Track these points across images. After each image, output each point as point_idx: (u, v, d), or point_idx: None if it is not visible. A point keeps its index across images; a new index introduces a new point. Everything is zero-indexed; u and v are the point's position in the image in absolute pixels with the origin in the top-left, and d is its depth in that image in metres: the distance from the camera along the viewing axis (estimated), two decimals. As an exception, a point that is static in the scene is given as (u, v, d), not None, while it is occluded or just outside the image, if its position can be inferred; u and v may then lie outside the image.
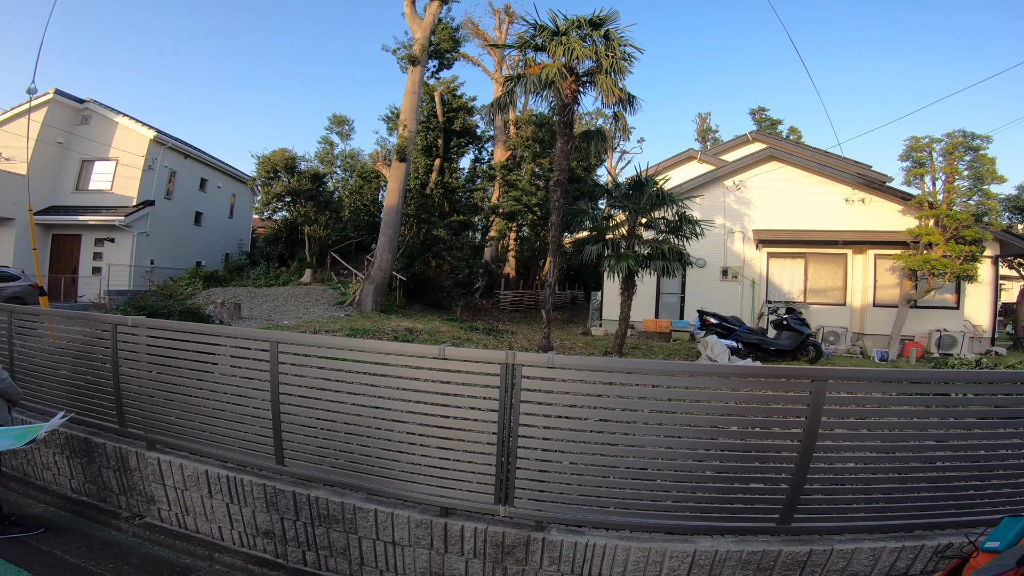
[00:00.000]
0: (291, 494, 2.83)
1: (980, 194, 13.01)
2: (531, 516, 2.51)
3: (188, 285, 16.41)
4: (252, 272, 21.60)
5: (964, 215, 12.48)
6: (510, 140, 25.36)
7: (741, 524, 2.43)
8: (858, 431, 2.47)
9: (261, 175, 22.24)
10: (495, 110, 12.66)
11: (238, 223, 27.20)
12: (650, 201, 10.85)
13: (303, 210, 22.03)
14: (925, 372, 2.70)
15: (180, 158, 21.93)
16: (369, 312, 15.75)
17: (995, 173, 12.83)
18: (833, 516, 2.45)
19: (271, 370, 2.84)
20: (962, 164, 12.97)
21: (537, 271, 26.77)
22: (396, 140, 17.91)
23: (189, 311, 9.98)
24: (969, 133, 13.01)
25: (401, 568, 2.66)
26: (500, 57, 27.02)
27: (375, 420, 2.71)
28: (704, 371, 2.74)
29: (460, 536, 2.54)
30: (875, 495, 2.44)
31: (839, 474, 2.47)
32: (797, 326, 11.35)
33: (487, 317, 19.78)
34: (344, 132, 33.40)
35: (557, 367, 2.43)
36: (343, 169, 29.37)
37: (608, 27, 10.60)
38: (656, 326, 15.52)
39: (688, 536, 2.43)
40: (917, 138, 13.69)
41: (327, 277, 21.13)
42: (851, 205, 15.06)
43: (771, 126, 37.51)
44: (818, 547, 2.37)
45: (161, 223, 20.40)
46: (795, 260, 15.35)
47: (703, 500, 2.44)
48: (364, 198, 25.85)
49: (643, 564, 2.36)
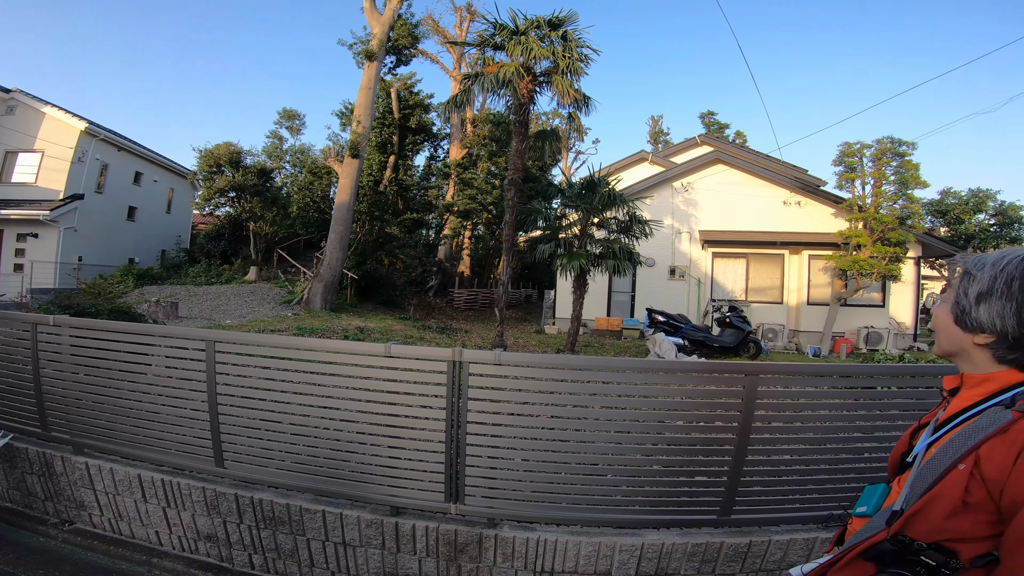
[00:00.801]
0: (233, 496, 2.75)
1: (905, 198, 13.96)
2: (483, 513, 2.51)
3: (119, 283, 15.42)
4: (191, 270, 20.55)
5: (890, 218, 13.38)
6: (467, 138, 25.27)
7: (686, 517, 2.50)
8: (791, 424, 2.57)
9: (203, 169, 21.22)
10: (451, 108, 12.59)
11: (176, 219, 25.84)
12: (602, 201, 11.05)
13: (248, 206, 21.16)
14: (852, 366, 2.87)
15: (113, 150, 20.64)
16: (318, 311, 15.30)
17: (919, 178, 13.80)
18: (770, 508, 2.53)
19: (207, 370, 2.74)
20: (889, 169, 13.86)
21: (492, 270, 26.80)
22: (349, 136, 17.50)
23: (119, 310, 9.40)
24: (897, 139, 13.91)
25: (353, 568, 2.62)
26: (459, 55, 26.84)
27: (323, 420, 2.66)
28: (644, 367, 2.81)
29: (412, 535, 2.51)
30: (809, 486, 2.53)
31: (774, 466, 2.55)
32: (739, 323, 11.87)
33: (441, 316, 19.62)
34: (295, 127, 32.52)
35: (504, 364, 2.43)
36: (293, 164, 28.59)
37: (567, 28, 10.73)
38: (608, 324, 15.86)
39: (636, 530, 2.48)
40: (850, 144, 14.54)
41: (274, 275, 20.39)
42: (789, 207, 15.86)
43: (719, 130, 39.05)
44: (757, 538, 2.44)
45: (91, 218, 19.13)
46: (737, 260, 16.04)
47: (651, 494, 2.50)
48: (314, 194, 25.12)
49: (594, 558, 2.40)
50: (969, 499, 0.97)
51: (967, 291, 1.04)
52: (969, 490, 0.97)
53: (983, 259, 1.06)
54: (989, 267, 1.02)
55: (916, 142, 13.88)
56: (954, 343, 1.09)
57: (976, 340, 1.04)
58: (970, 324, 1.04)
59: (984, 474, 0.96)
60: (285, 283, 18.92)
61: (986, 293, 1.01)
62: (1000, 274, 1.00)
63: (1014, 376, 1.02)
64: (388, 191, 22.48)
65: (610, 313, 16.69)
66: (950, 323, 1.09)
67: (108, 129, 20.37)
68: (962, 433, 1.03)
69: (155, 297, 14.24)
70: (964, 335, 1.06)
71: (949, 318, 1.09)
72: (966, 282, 1.05)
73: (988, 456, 0.96)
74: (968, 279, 1.05)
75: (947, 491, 0.99)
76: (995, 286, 1.00)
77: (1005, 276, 0.99)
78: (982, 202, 21.88)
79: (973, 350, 1.06)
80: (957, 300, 1.06)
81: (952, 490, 0.99)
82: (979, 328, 1.03)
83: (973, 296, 1.03)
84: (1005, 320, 0.99)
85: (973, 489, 0.97)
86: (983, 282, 1.02)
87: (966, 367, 1.09)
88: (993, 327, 1.00)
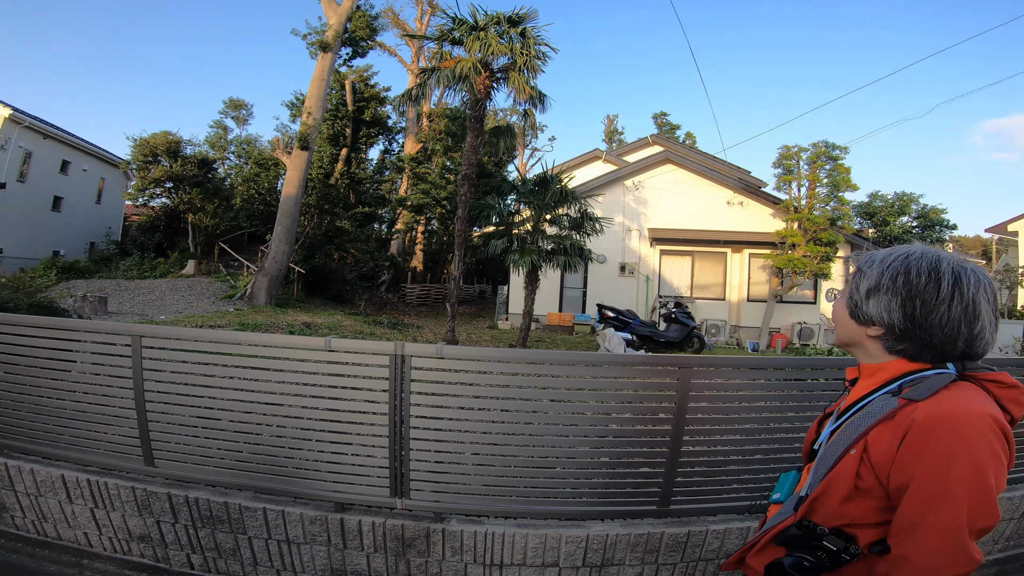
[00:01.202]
0: (166, 496, 2.65)
1: (836, 200, 14.84)
2: (429, 508, 2.50)
3: (41, 277, 14.34)
4: (123, 263, 19.32)
5: (822, 219, 14.21)
6: (422, 132, 25.03)
7: (629, 508, 2.55)
8: (726, 416, 2.66)
9: (137, 159, 20.09)
10: (406, 101, 12.46)
11: (107, 210, 24.29)
12: (555, 198, 11.19)
13: (187, 197, 20.16)
14: (781, 359, 3.00)
15: (39, 138, 19.23)
16: (263, 306, 14.76)
17: (849, 181, 14.70)
18: (707, 498, 2.60)
19: (134, 367, 2.62)
20: (823, 172, 14.71)
21: (445, 265, 26.61)
22: (299, 128, 16.94)
23: (40, 305, 8.78)
24: (831, 144, 14.77)
25: (299, 566, 2.57)
26: (418, 48, 26.41)
27: (265, 417, 2.59)
28: (578, 360, 2.82)
29: (358, 531, 2.48)
30: (744, 476, 2.61)
31: (708, 456, 2.64)
32: (684, 319, 12.31)
33: (393, 311, 19.34)
34: (241, 117, 31.26)
35: (447, 358, 2.43)
36: (238, 156, 27.50)
37: (526, 25, 10.77)
38: (560, 319, 16.08)
39: (582, 521, 2.52)
40: (788, 147, 15.32)
41: (214, 269, 19.49)
42: (732, 207, 16.56)
43: (671, 130, 40.15)
44: (695, 528, 2.51)
45: (12, 208, 17.77)
46: (684, 257, 16.61)
47: (597, 486, 2.54)
48: (260, 186, 24.18)
49: (541, 550, 2.43)
50: (861, 484, 1.04)
51: (858, 286, 1.11)
52: (860, 475, 1.04)
53: (874, 256, 1.12)
54: (878, 264, 1.09)
55: (848, 146, 14.79)
56: (850, 335, 1.15)
57: (869, 332, 1.10)
58: (862, 317, 1.10)
59: (872, 459, 1.02)
60: (227, 277, 18.11)
61: (874, 288, 1.07)
62: (887, 271, 1.07)
63: (904, 366, 1.09)
64: (339, 184, 21.93)
65: (562, 309, 16.93)
66: (846, 317, 1.15)
67: (33, 116, 18.99)
68: (854, 420, 1.10)
69: (81, 292, 13.31)
70: (858, 328, 1.12)
71: (845, 312, 1.15)
72: (858, 278, 1.12)
73: (875, 442, 1.02)
74: (860, 275, 1.12)
75: (841, 476, 1.05)
76: (882, 282, 1.06)
77: (891, 272, 1.06)
78: (906, 205, 23.52)
79: (867, 342, 1.12)
80: (851, 295, 1.13)
81: (845, 475, 1.05)
82: (870, 321, 1.09)
83: (863, 291, 1.09)
84: (891, 313, 1.05)
85: (864, 474, 1.03)
86: (872, 278, 1.09)
87: (863, 358, 1.16)
88: (881, 320, 1.07)
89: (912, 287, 1.03)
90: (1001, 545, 3.09)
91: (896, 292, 1.04)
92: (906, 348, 1.08)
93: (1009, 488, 3.03)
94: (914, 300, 1.02)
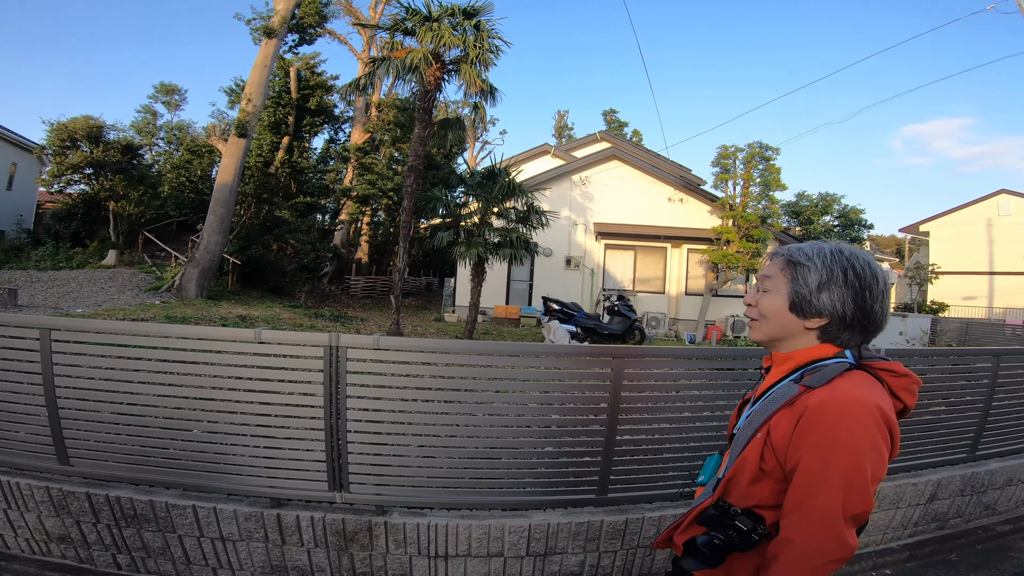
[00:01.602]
0: (84, 495, 2.50)
1: (767, 199, 15.70)
2: (370, 501, 2.47)
3: (-63, 266, 12.94)
4: (35, 253, 17.74)
5: (754, 217, 14.99)
6: (370, 123, 24.50)
7: (570, 497, 2.60)
8: (659, 405, 2.75)
9: (53, 143, 18.52)
10: (353, 90, 12.19)
11: (19, 196, 22.19)
12: (502, 191, 11.21)
13: (109, 184, 18.77)
14: (711, 349, 3.17)
15: (-57, 121, 17.17)
16: (193, 299, 13.99)
17: (780, 181, 15.57)
18: (642, 485, 2.68)
19: (43, 362, 2.44)
20: (756, 172, 15.51)
21: (391, 257, 26.13)
22: (238, 114, 16.11)
23: (-64, 297, 7.89)
24: (764, 144, 15.58)
25: (237, 563, 2.49)
26: (370, 37, 25.64)
27: (194, 412, 2.48)
28: (523, 351, 2.86)
29: (297, 526, 2.43)
30: (679, 463, 2.70)
31: (643, 445, 2.71)
32: (626, 312, 12.68)
33: (336, 303, 18.81)
34: (173, 103, 29.71)
35: (384, 349, 2.40)
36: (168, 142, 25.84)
37: (481, 18, 10.69)
38: (507, 312, 16.17)
39: (525, 511, 2.55)
40: (726, 147, 16.02)
41: (138, 260, 18.27)
42: (673, 204, 17.16)
43: (619, 127, 40.96)
44: (632, 515, 2.59)
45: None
46: (627, 252, 17.08)
47: (539, 476, 2.57)
48: (191, 174, 22.90)
49: (486, 540, 2.45)
50: (765, 466, 1.11)
51: (806, 281, 1.14)
52: (764, 457, 1.11)
53: (806, 253, 1.17)
54: (818, 260, 1.14)
55: (780, 147, 15.65)
56: (785, 328, 1.18)
57: (808, 324, 1.15)
58: (810, 310, 1.14)
59: (773, 442, 1.10)
60: (152, 268, 17.02)
61: (826, 282, 1.12)
62: (833, 266, 1.12)
63: (809, 354, 1.16)
64: (280, 173, 21.05)
65: (509, 301, 17.03)
66: (784, 311, 1.17)
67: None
68: (762, 406, 1.18)
69: (-15, 282, 12.13)
70: (798, 321, 1.16)
71: (784, 306, 1.17)
72: (803, 273, 1.15)
73: (776, 426, 1.10)
74: (804, 270, 1.15)
75: (749, 459, 1.13)
76: (833, 276, 1.12)
77: (839, 267, 1.12)
78: (829, 205, 25.15)
79: (801, 334, 1.17)
80: (796, 290, 1.15)
81: (752, 457, 1.13)
82: (818, 313, 1.13)
83: (814, 285, 1.13)
84: (845, 304, 1.11)
85: (767, 456, 1.11)
86: (820, 273, 1.13)
87: (780, 348, 1.22)
88: (833, 311, 1.12)
89: (861, 280, 1.11)
90: (910, 531, 3.28)
91: (849, 285, 1.11)
92: (846, 336, 1.14)
93: (914, 474, 3.23)
94: (863, 292, 1.11)
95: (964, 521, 3.48)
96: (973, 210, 25.54)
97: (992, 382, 3.37)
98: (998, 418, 3.48)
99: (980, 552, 3.24)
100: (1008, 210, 24.36)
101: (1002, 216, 24.48)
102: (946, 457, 3.36)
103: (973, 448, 3.44)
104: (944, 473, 3.30)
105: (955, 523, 3.44)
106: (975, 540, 3.36)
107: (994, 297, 23.79)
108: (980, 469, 3.42)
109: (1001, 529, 3.50)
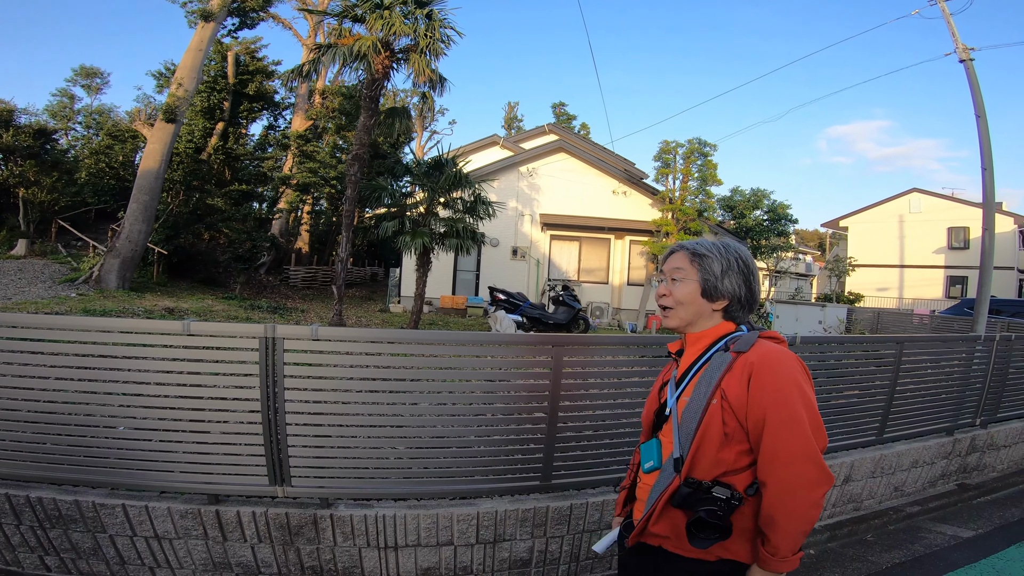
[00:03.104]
0: (4, 496, 2.36)
1: (704, 193, 16.44)
2: (315, 494, 2.43)
3: None
4: (-69, 242, 16.00)
5: (691, 210, 15.65)
6: (313, 110, 23.63)
7: (516, 484, 2.64)
8: (600, 391, 2.82)
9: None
10: (296, 76, 11.81)
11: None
12: (449, 181, 11.10)
13: (19, 169, 17.22)
14: (646, 337, 3.30)
15: None
16: (114, 290, 13.07)
17: (716, 176, 16.34)
18: (584, 471, 2.74)
19: None
20: (695, 167, 16.19)
21: (334, 247, 25.35)
22: (167, 98, 15.07)
23: None
24: (702, 141, 16.30)
25: (176, 562, 2.39)
26: (317, 23, 24.52)
27: (121, 408, 2.35)
28: (465, 340, 2.85)
29: (237, 522, 2.35)
30: (620, 449, 2.77)
31: (584, 431, 2.76)
32: (570, 302, 12.92)
33: (274, 295, 18.09)
34: (94, 86, 27.66)
35: (322, 339, 2.35)
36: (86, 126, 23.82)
37: (433, 7, 10.49)
38: (453, 302, 16.09)
39: (472, 500, 2.57)
40: (668, 142, 16.62)
41: (52, 250, 16.87)
42: (616, 196, 17.59)
43: (567, 121, 41.35)
44: (576, 501, 2.65)
45: None
46: (572, 243, 17.39)
47: (487, 464, 2.59)
48: (112, 159, 21.30)
49: (435, 529, 2.45)
50: (727, 429, 1.22)
51: (712, 270, 1.35)
52: (725, 421, 1.22)
53: (704, 245, 1.38)
54: (717, 253, 1.36)
55: (717, 144, 16.41)
56: (698, 312, 1.37)
57: (715, 306, 1.36)
58: (716, 294, 1.35)
59: (731, 403, 1.22)
60: (67, 259, 15.74)
61: (726, 270, 1.35)
62: (729, 257, 1.36)
63: (721, 330, 1.36)
64: (213, 160, 19.88)
65: (455, 291, 16.95)
66: (697, 296, 1.36)
67: None
68: (704, 376, 1.28)
69: None
70: (707, 304, 1.36)
71: (696, 292, 1.36)
72: (708, 263, 1.35)
73: (728, 388, 1.23)
74: (709, 261, 1.36)
75: (711, 426, 1.23)
76: (731, 265, 1.35)
77: (733, 257, 1.36)
78: (759, 200, 26.45)
79: (709, 315, 1.37)
80: (706, 277, 1.35)
81: (714, 424, 1.22)
82: (722, 296, 1.35)
83: (719, 272, 1.35)
84: (740, 288, 1.35)
85: (728, 420, 1.22)
86: (721, 263, 1.35)
87: (690, 330, 1.39)
88: (733, 293, 1.35)
89: (748, 267, 1.37)
90: (829, 511, 3.43)
91: (742, 271, 1.35)
92: (741, 313, 1.38)
93: (831, 456, 3.36)
94: (750, 276, 1.36)
95: (877, 502, 3.67)
96: (888, 207, 27.74)
97: (896, 367, 3.60)
98: (901, 402, 3.71)
99: (892, 533, 3.42)
100: (919, 207, 26.64)
101: (913, 213, 26.75)
102: (858, 439, 3.53)
103: (881, 431, 3.61)
104: (856, 455, 3.49)
105: (869, 504, 3.62)
106: (887, 521, 3.53)
107: (904, 288, 26.03)
108: (888, 451, 3.63)
109: (911, 510, 3.67)
